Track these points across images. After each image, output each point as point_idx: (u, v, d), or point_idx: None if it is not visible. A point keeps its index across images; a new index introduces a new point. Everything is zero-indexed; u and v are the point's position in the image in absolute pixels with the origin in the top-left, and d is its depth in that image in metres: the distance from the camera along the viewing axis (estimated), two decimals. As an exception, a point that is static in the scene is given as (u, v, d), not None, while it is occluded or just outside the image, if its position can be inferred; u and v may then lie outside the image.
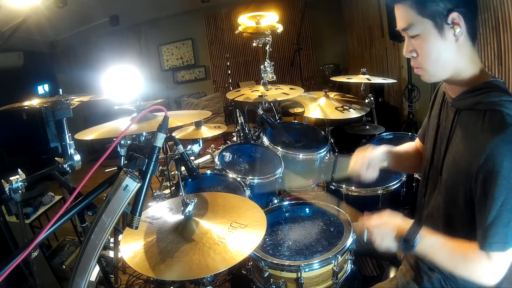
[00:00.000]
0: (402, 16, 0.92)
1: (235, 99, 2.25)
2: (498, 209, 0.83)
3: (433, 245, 0.92)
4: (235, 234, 1.12)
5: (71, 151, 1.10)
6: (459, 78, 0.95)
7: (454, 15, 0.86)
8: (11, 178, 1.17)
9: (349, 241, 1.27)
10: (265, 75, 2.28)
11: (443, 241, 0.92)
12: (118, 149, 1.41)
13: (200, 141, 2.08)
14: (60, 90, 1.17)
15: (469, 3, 0.88)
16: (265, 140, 2.11)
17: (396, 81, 3.75)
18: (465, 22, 0.87)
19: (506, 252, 0.84)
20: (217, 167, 1.90)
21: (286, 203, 1.61)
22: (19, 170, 1.21)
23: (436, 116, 1.10)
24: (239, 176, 1.83)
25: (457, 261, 0.90)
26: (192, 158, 1.97)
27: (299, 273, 1.19)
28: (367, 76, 2.44)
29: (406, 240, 0.92)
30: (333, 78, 2.65)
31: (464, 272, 0.90)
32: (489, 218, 0.84)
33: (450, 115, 1.01)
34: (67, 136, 1.09)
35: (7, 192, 1.16)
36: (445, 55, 0.91)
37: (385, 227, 0.97)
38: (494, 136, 0.83)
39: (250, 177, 1.83)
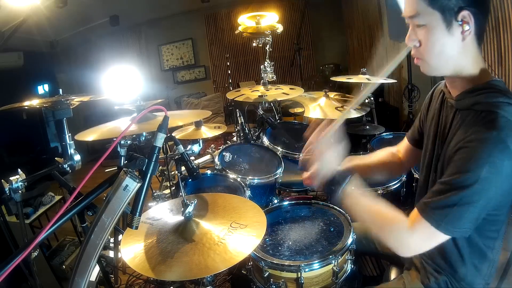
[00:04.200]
0: (411, 3, 0.89)
1: (235, 99, 2.25)
2: (452, 184, 0.83)
3: (355, 197, 0.99)
4: (235, 234, 1.12)
5: (71, 151, 1.10)
6: (460, 76, 0.94)
7: (465, 13, 0.84)
8: (11, 178, 1.17)
9: (349, 241, 1.27)
10: (265, 75, 2.28)
11: (370, 197, 0.98)
12: (118, 149, 1.41)
13: (200, 141, 2.08)
14: (60, 90, 1.17)
15: (481, 4, 0.86)
16: (265, 140, 2.11)
17: (396, 81, 3.75)
18: (475, 22, 0.85)
19: (433, 230, 0.85)
20: (217, 167, 1.90)
21: (286, 203, 1.61)
22: (19, 170, 1.21)
23: (435, 118, 1.08)
24: (239, 176, 1.83)
25: (380, 221, 0.96)
26: (192, 158, 1.97)
27: (299, 273, 1.19)
28: (367, 76, 2.43)
29: (337, 179, 1.00)
30: (333, 78, 2.65)
31: (387, 234, 0.94)
32: (446, 186, 0.84)
33: (449, 115, 1.00)
34: (67, 136, 1.09)
35: (7, 192, 1.16)
36: (449, 51, 0.89)
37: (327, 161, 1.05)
38: (482, 131, 0.82)
39: (250, 177, 1.83)
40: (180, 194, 1.42)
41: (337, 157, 1.10)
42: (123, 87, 1.58)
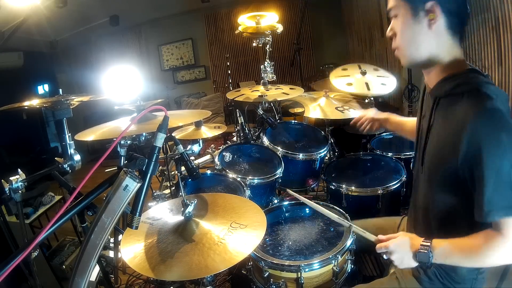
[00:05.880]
0: None
1: (235, 99, 2.25)
2: (495, 177, 0.83)
3: (446, 252, 0.94)
4: (235, 234, 1.12)
5: (71, 151, 1.10)
6: (435, 64, 0.97)
7: (430, 4, 0.90)
8: (11, 178, 1.16)
9: (349, 241, 1.27)
10: (265, 75, 2.28)
11: (452, 242, 0.94)
12: (118, 149, 1.41)
13: (200, 141, 2.08)
14: (60, 90, 1.17)
15: (453, 2, 0.91)
16: (265, 140, 2.11)
17: (396, 82, 3.74)
18: (443, 13, 0.91)
19: None
20: (217, 167, 1.90)
21: (286, 203, 1.61)
22: (19, 170, 1.21)
23: (419, 111, 1.13)
24: (239, 176, 1.83)
25: (475, 252, 0.90)
26: (192, 158, 1.97)
27: (299, 273, 1.19)
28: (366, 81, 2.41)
29: (422, 258, 0.95)
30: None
31: (488, 258, 0.89)
32: (487, 193, 0.84)
33: (430, 105, 1.02)
34: (67, 136, 1.09)
35: (7, 192, 1.16)
36: (419, 38, 0.95)
37: (401, 249, 1.00)
38: (473, 115, 0.84)
39: (250, 177, 1.83)
40: (180, 194, 1.42)
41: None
42: (123, 87, 1.58)
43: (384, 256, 1.04)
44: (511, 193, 0.83)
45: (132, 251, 1.10)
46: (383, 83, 2.22)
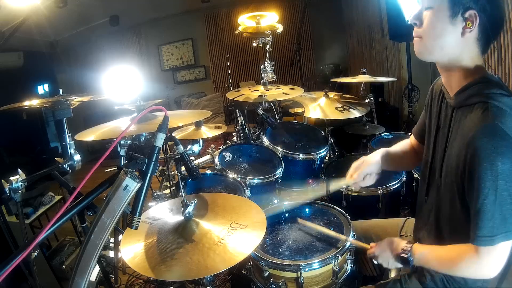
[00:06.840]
0: None
1: (235, 99, 2.26)
2: (481, 202, 0.84)
3: (424, 257, 1.02)
4: (234, 234, 1.12)
5: (71, 151, 1.10)
6: (455, 68, 0.96)
7: (472, 13, 0.87)
8: (11, 178, 1.16)
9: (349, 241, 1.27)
10: (265, 75, 2.28)
11: (431, 250, 1.02)
12: (118, 149, 1.41)
13: (200, 141, 2.08)
14: (60, 90, 1.17)
15: (492, 18, 0.88)
16: (265, 140, 2.11)
17: (396, 79, 3.74)
18: (479, 26, 0.88)
19: (495, 246, 0.85)
20: (217, 167, 1.90)
21: (286, 203, 1.61)
22: (19, 170, 1.21)
23: (435, 118, 1.10)
24: (239, 176, 1.83)
25: (449, 264, 0.96)
26: (192, 158, 1.97)
27: (299, 273, 1.19)
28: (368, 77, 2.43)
29: (403, 260, 1.04)
30: (334, 80, 2.66)
31: (460, 271, 0.95)
32: (474, 211, 0.86)
33: (449, 114, 1.01)
34: (67, 136, 1.09)
35: (7, 192, 1.16)
36: (448, 39, 0.92)
37: (385, 253, 1.11)
38: (477, 128, 0.85)
39: (250, 177, 1.83)
40: (180, 194, 1.42)
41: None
42: (123, 87, 1.58)
43: (374, 261, 1.15)
44: (492, 222, 0.84)
45: (132, 251, 1.10)
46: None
